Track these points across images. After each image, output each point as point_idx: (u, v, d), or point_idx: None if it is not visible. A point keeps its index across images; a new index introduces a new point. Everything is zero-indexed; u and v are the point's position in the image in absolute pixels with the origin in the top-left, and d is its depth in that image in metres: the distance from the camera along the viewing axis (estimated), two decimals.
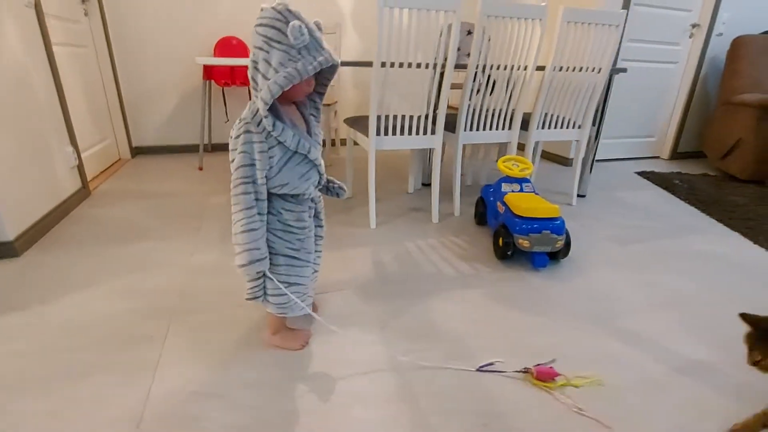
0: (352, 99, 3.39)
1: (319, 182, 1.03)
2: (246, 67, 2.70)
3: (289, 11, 0.83)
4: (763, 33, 3.17)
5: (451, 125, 2.00)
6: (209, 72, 2.64)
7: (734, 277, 1.55)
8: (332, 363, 1.06)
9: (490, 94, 1.95)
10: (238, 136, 0.89)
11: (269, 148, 0.89)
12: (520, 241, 1.53)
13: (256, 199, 0.91)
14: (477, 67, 1.84)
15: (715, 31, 3.21)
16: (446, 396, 0.97)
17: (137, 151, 2.99)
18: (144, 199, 2.14)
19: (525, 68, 1.92)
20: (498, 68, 1.87)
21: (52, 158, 1.86)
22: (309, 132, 0.99)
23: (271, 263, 0.98)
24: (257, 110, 0.87)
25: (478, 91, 1.93)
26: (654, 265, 1.63)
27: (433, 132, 1.89)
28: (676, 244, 1.82)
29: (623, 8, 2.83)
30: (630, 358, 1.11)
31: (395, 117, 1.83)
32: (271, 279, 1.00)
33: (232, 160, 0.91)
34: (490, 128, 2.03)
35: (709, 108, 3.46)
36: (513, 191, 1.75)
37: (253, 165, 0.89)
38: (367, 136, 1.81)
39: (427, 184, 2.50)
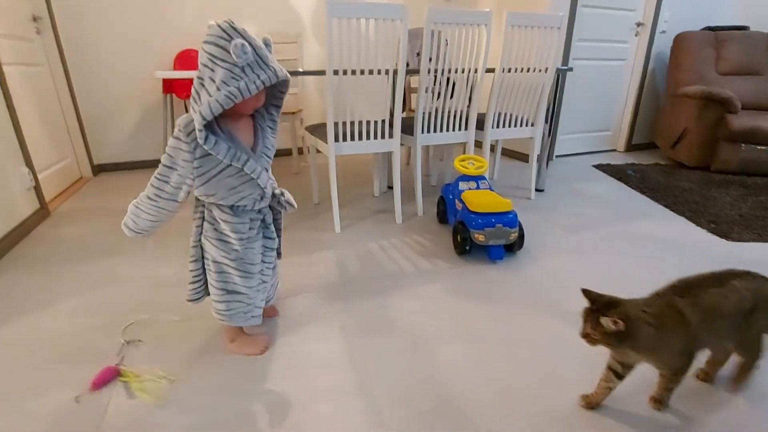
0: (317, 106, 3.43)
1: (261, 197, 1.00)
2: None
3: (234, 29, 0.83)
4: (703, 29, 3.37)
5: (409, 128, 2.06)
6: (169, 85, 2.64)
7: (675, 257, 1.65)
8: (292, 363, 1.09)
9: (451, 97, 2.03)
10: (172, 137, 0.92)
11: (196, 159, 0.91)
12: (476, 236, 1.59)
13: (160, 197, 0.96)
14: (430, 72, 1.91)
15: (659, 29, 3.40)
16: (400, 385, 1.01)
17: (99, 169, 2.95)
18: (106, 217, 2.12)
19: (476, 71, 2.01)
20: (450, 72, 1.95)
21: (7, 180, 1.83)
22: (256, 145, 0.99)
23: (210, 269, 1.04)
24: (191, 121, 0.87)
25: (438, 95, 2.00)
26: (602, 249, 1.72)
27: (390, 136, 1.95)
28: (624, 230, 1.93)
29: (570, 9, 2.97)
30: (570, 336, 1.18)
31: (353, 123, 1.89)
32: (210, 284, 1.05)
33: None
34: (447, 129, 2.10)
35: (659, 101, 3.65)
36: (470, 189, 1.82)
37: (172, 168, 0.93)
38: (326, 142, 1.85)
39: (392, 187, 2.55)
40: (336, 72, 1.71)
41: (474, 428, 0.89)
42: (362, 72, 1.76)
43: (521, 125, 2.29)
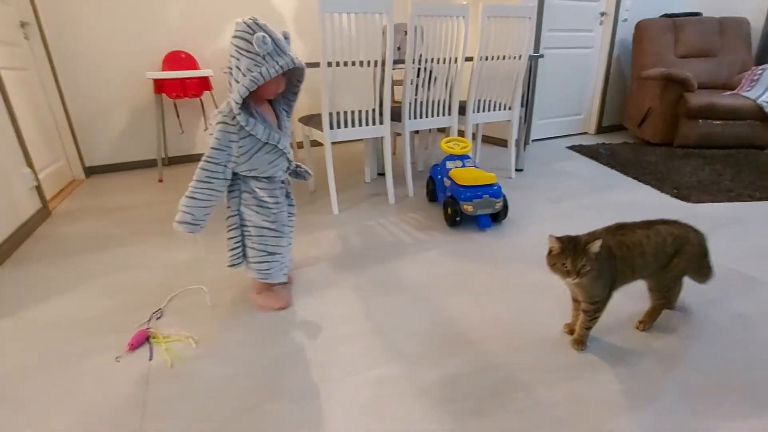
0: (303, 102, 3.53)
1: (288, 168, 1.21)
2: (196, 78, 2.79)
3: (257, 24, 0.99)
4: (661, 16, 3.62)
5: (397, 115, 2.21)
6: (160, 86, 2.71)
7: (640, 218, 1.84)
8: (314, 318, 1.22)
9: (434, 85, 2.18)
10: (216, 123, 1.06)
11: (240, 139, 1.07)
12: (465, 207, 1.75)
13: (215, 178, 1.08)
14: (414, 62, 2.06)
15: (621, 18, 3.64)
16: (412, 328, 1.16)
17: (91, 171, 2.99)
18: (107, 214, 2.19)
19: (455, 60, 2.17)
20: (432, 62, 2.10)
21: (9, 180, 1.89)
22: (280, 125, 1.18)
23: (251, 234, 1.17)
24: (230, 110, 1.04)
25: (421, 85, 2.15)
26: (578, 216, 1.90)
27: (381, 122, 2.09)
28: (597, 199, 2.12)
29: (539, 1, 3.16)
30: (550, 281, 1.34)
31: (345, 113, 2.01)
32: (251, 248, 1.18)
33: (209, 147, 1.08)
34: (432, 115, 2.25)
35: (625, 85, 3.90)
36: (456, 167, 1.97)
37: (221, 150, 1.07)
38: (321, 130, 1.98)
39: (382, 174, 2.69)
40: (330, 64, 1.84)
41: (480, 353, 1.05)
42: (353, 63, 1.89)
43: (500, 109, 2.46)
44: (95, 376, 1.02)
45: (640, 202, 2.04)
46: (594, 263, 0.92)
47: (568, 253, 0.94)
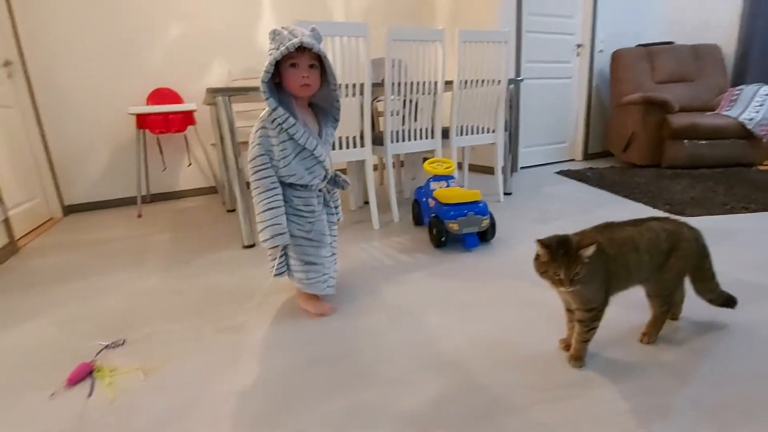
0: None
1: (325, 177, 1.20)
2: (180, 113, 2.78)
3: (282, 28, 1.05)
4: (637, 46, 3.74)
5: (380, 141, 2.17)
6: (143, 121, 2.69)
7: None
8: (289, 343, 1.10)
9: (415, 120, 2.17)
10: (255, 131, 1.08)
11: (281, 143, 1.08)
12: (450, 225, 1.67)
13: (275, 183, 1.08)
14: (395, 93, 2.05)
15: (597, 49, 3.76)
16: (389, 347, 1.03)
17: (70, 209, 2.91)
18: (81, 248, 2.08)
19: (435, 84, 2.17)
20: (415, 90, 2.09)
21: None
22: (320, 134, 1.18)
23: (289, 243, 1.15)
24: (270, 111, 1.05)
25: (405, 118, 2.14)
26: (569, 232, 1.82)
27: (362, 145, 2.05)
28: (588, 217, 2.05)
29: (516, 35, 3.26)
30: (541, 297, 1.24)
31: None
32: (290, 256, 1.18)
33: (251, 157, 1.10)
34: (415, 139, 2.22)
35: (606, 112, 3.96)
36: (441, 187, 1.91)
37: (265, 155, 1.08)
38: None
39: (367, 202, 2.62)
40: None
41: (467, 373, 0.92)
42: None
43: (483, 132, 2.44)
44: (24, 413, 0.89)
45: (634, 217, 1.96)
46: (587, 268, 0.83)
47: (559, 261, 0.84)
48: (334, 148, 1.96)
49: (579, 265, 0.82)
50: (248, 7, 3.22)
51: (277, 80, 1.08)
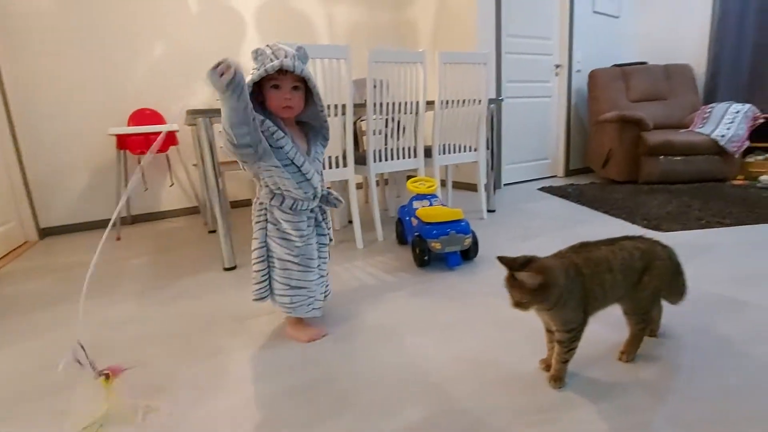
0: None
1: (314, 195, 1.16)
2: (160, 133, 2.77)
3: (267, 46, 1.04)
4: (612, 66, 3.87)
5: (363, 160, 2.18)
6: (123, 141, 2.67)
7: None
8: (260, 368, 1.07)
9: (398, 139, 2.20)
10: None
11: (268, 138, 1.05)
12: (432, 245, 1.67)
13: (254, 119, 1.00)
14: (377, 112, 2.07)
15: (574, 69, 3.88)
16: (366, 370, 1.02)
17: (47, 232, 2.83)
18: (55, 273, 2.02)
19: (417, 104, 2.20)
20: (397, 109, 2.12)
21: None
22: (309, 151, 1.16)
23: (275, 267, 1.15)
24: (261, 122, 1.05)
25: (390, 135, 2.16)
26: (552, 249, 1.83)
27: (345, 165, 2.05)
28: (569, 233, 2.08)
29: (497, 55, 3.35)
30: (522, 316, 1.24)
31: None
32: (275, 280, 1.16)
33: None
34: (398, 158, 2.24)
35: (586, 130, 4.06)
36: (423, 206, 1.92)
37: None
38: None
39: (351, 222, 2.62)
40: None
41: (446, 397, 0.91)
42: None
43: (465, 151, 2.48)
44: None
45: (613, 233, 1.98)
46: (537, 295, 0.82)
47: (512, 282, 0.85)
48: None
49: (520, 293, 0.83)
50: (232, 28, 3.25)
51: (260, 99, 1.08)
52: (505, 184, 3.69)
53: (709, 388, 0.89)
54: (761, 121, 3.15)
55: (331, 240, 1.29)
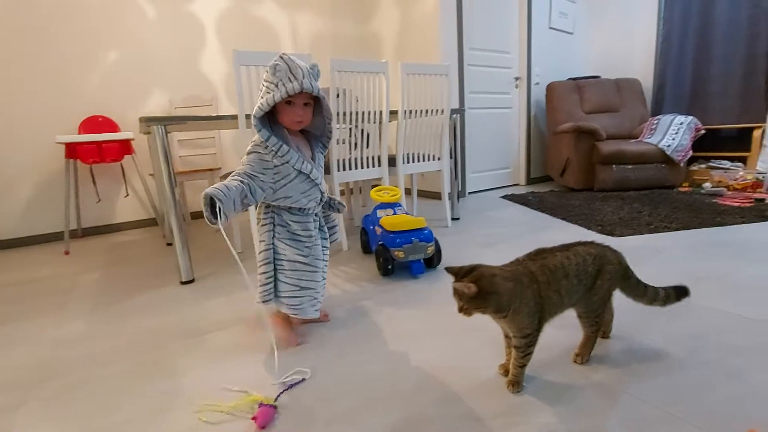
0: (235, 166, 3.45)
1: (321, 199, 1.20)
2: (116, 142, 2.65)
3: (281, 57, 1.05)
4: (568, 79, 4.06)
5: (328, 168, 2.17)
6: (73, 150, 2.53)
7: None
8: (205, 389, 1.02)
9: (367, 147, 2.20)
10: (248, 154, 1.09)
11: (275, 167, 1.09)
12: (396, 253, 1.67)
13: (246, 184, 1.04)
14: (341, 122, 2.07)
15: (533, 81, 4.03)
16: (323, 386, 1.00)
17: None
18: None
19: (380, 113, 2.22)
20: (361, 118, 2.13)
21: None
22: (313, 158, 1.20)
23: (284, 268, 1.16)
24: (264, 140, 1.07)
25: (355, 146, 2.15)
26: (513, 255, 1.88)
27: None
28: (530, 240, 2.14)
29: (459, 67, 3.44)
30: (482, 324, 1.26)
31: None
32: (283, 282, 1.16)
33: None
34: (362, 167, 2.24)
35: (545, 140, 4.22)
36: (387, 215, 1.92)
37: (249, 174, 1.06)
38: None
39: None
40: (248, 116, 1.80)
41: (409, 407, 0.90)
42: None
43: (429, 160, 2.51)
44: None
45: (571, 239, 2.07)
46: (477, 303, 0.85)
47: (455, 289, 0.87)
48: None
49: (464, 298, 0.85)
50: (192, 34, 3.17)
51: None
52: (469, 193, 3.77)
53: (659, 387, 0.93)
54: (702, 132, 3.38)
55: (337, 240, 1.36)
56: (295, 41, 3.65)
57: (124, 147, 2.69)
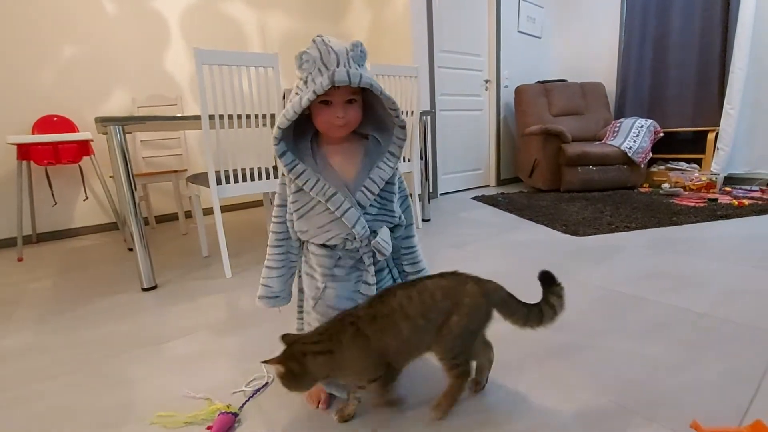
0: (203, 167, 3.37)
1: (353, 237, 0.83)
2: (73, 143, 2.53)
3: (312, 42, 0.77)
4: (536, 82, 4.16)
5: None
6: (25, 152, 2.40)
7: (539, 252, 1.90)
8: (176, 398, 0.99)
9: None
10: (281, 176, 0.89)
11: (293, 194, 0.84)
12: None
13: (285, 239, 0.90)
14: None
15: (502, 84, 4.12)
16: (287, 401, 0.98)
17: None
18: None
19: None
20: None
21: None
22: (357, 175, 0.85)
23: (301, 309, 0.96)
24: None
25: None
26: (483, 256, 1.91)
27: (276, 176, 2.00)
28: (499, 240, 2.17)
29: (429, 69, 3.47)
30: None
31: (235, 170, 1.89)
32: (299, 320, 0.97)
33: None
34: None
35: (514, 141, 4.31)
36: None
37: (283, 206, 0.89)
38: (208, 186, 1.83)
39: None
40: (211, 116, 1.75)
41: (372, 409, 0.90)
42: (239, 117, 1.82)
43: (400, 162, 2.52)
44: None
45: (537, 239, 2.12)
46: (292, 379, 0.78)
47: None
48: (236, 180, 1.88)
49: (281, 379, 0.79)
50: (154, 31, 3.07)
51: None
52: (441, 194, 3.81)
53: (609, 380, 0.96)
54: (661, 134, 3.53)
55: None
56: (264, 40, 3.59)
57: (82, 148, 2.57)
